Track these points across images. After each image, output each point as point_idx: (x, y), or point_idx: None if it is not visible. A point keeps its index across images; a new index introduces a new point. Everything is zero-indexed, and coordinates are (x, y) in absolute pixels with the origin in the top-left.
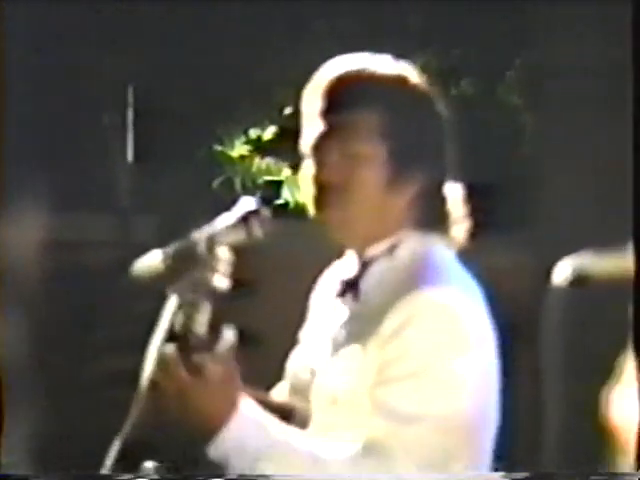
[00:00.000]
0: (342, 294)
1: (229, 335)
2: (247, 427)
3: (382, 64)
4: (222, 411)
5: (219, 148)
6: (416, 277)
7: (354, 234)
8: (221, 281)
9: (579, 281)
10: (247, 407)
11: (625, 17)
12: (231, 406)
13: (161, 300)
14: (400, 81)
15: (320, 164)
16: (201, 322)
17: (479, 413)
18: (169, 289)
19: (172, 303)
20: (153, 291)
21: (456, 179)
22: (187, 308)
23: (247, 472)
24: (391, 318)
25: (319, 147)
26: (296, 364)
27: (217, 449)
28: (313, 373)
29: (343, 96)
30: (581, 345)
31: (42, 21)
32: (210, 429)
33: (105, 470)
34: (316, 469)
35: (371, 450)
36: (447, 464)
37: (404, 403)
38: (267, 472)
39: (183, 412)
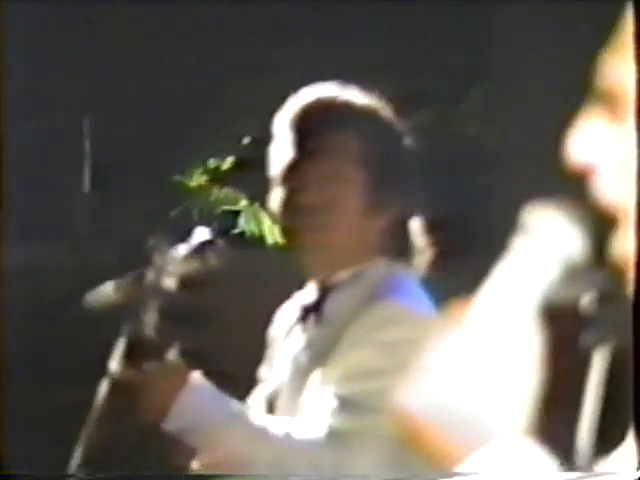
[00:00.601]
0: (303, 319)
1: (175, 350)
2: (199, 398)
3: (352, 94)
4: (173, 388)
5: (177, 178)
6: (377, 293)
7: (327, 258)
8: (169, 280)
9: None
10: (198, 381)
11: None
12: (181, 382)
13: (115, 330)
14: (371, 111)
15: (295, 188)
16: (149, 323)
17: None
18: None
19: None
20: (107, 321)
21: (419, 208)
22: (137, 314)
23: (202, 443)
24: (354, 327)
25: (293, 172)
26: (258, 396)
27: (172, 422)
28: (274, 402)
29: (318, 122)
30: None
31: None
32: (163, 407)
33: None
34: (273, 444)
35: (331, 437)
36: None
37: (368, 398)
38: (221, 443)
39: (138, 403)
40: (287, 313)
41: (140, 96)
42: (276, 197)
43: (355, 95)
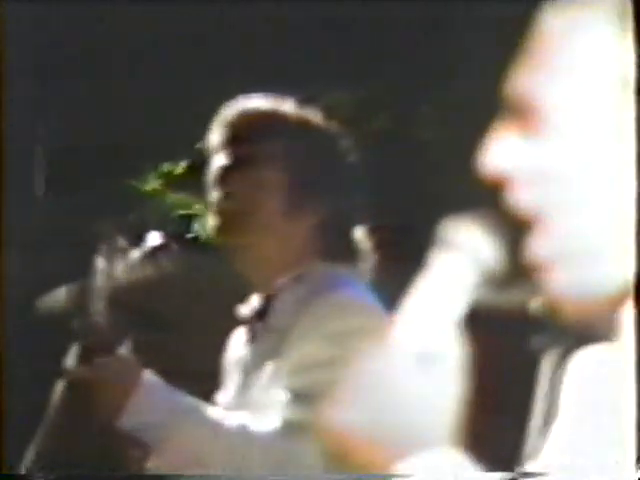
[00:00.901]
0: (250, 330)
1: (127, 342)
2: (153, 396)
3: (284, 104)
4: (126, 387)
5: (131, 183)
6: (321, 289)
7: (257, 263)
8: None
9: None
10: (151, 379)
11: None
12: (134, 381)
13: (67, 335)
14: (302, 120)
15: (223, 194)
16: (101, 324)
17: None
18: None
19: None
20: (59, 326)
21: (366, 213)
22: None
23: (157, 440)
24: (301, 322)
25: (223, 178)
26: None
27: (127, 420)
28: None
29: (247, 130)
30: None
31: None
32: (117, 405)
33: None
34: (227, 438)
35: (284, 429)
36: None
37: (320, 389)
38: (176, 439)
39: (92, 402)
40: (241, 317)
41: (94, 102)
42: (210, 203)
43: (288, 105)
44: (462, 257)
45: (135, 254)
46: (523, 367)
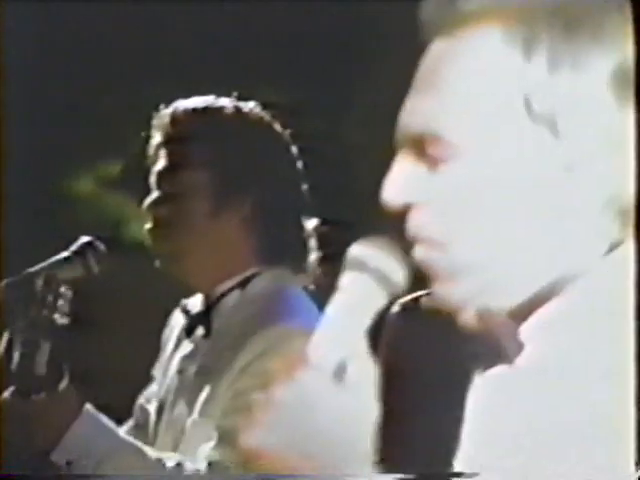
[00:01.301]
0: (190, 330)
1: (66, 377)
2: (90, 429)
3: (219, 101)
4: (64, 419)
5: (65, 184)
6: (269, 312)
7: (187, 268)
8: (61, 318)
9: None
10: (89, 412)
11: None
12: (73, 414)
13: None
14: (232, 119)
15: (155, 198)
16: (41, 363)
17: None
18: (7, 326)
19: (4, 341)
20: None
21: (308, 215)
22: (26, 348)
23: (90, 473)
24: (246, 352)
25: (157, 181)
26: (143, 401)
27: (59, 454)
28: (161, 409)
29: (178, 132)
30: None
31: None
32: (54, 436)
33: None
34: (160, 471)
35: (212, 471)
36: None
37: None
38: (110, 472)
39: (26, 434)
40: (177, 319)
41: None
42: (145, 206)
43: (223, 102)
44: (370, 277)
45: (63, 254)
46: (454, 376)
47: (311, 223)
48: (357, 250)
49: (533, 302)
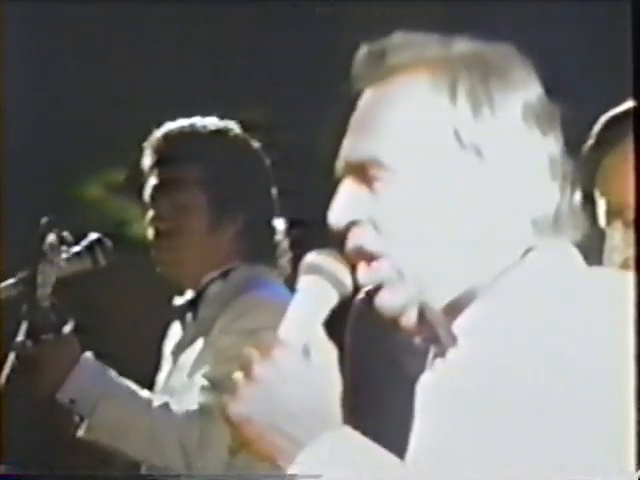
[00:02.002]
0: (182, 318)
1: (70, 323)
2: (90, 373)
3: (205, 122)
4: (66, 363)
5: (71, 187)
6: (241, 289)
7: (185, 274)
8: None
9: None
10: (89, 359)
11: None
12: (74, 358)
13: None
14: (222, 136)
15: (153, 214)
16: (44, 293)
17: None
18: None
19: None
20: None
21: (281, 216)
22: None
23: (90, 412)
24: (223, 316)
25: (153, 198)
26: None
27: (63, 394)
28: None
29: (170, 152)
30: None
31: None
32: (57, 379)
33: None
34: (150, 415)
35: (200, 412)
36: None
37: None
38: (106, 413)
39: (36, 376)
40: (175, 331)
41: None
42: (146, 220)
43: (209, 122)
44: (325, 279)
45: (73, 249)
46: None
47: (284, 224)
48: (312, 257)
49: (462, 301)
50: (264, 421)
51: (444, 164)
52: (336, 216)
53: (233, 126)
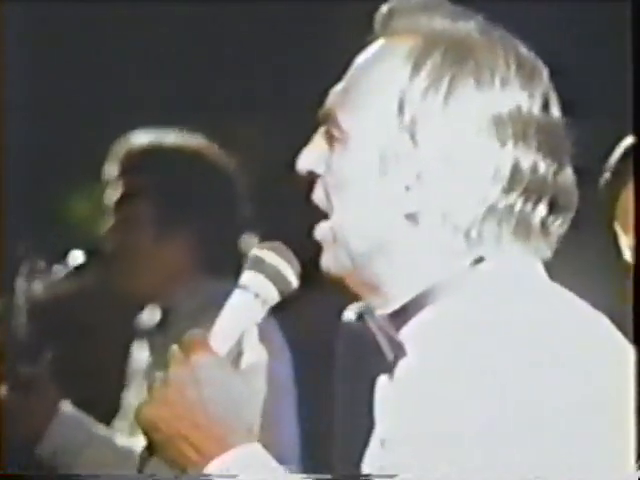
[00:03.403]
0: (151, 338)
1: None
2: (67, 426)
3: (170, 136)
4: (44, 415)
5: (59, 206)
6: (215, 301)
7: (137, 288)
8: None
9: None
10: (66, 411)
11: None
12: (52, 410)
13: None
14: (179, 152)
15: (110, 226)
16: (19, 322)
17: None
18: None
19: None
20: None
21: (251, 231)
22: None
23: (73, 466)
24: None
25: (112, 210)
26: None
27: (44, 448)
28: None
29: (127, 165)
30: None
31: None
32: (35, 432)
33: None
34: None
35: None
36: None
37: None
38: (90, 465)
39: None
40: (140, 349)
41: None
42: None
43: (172, 136)
44: (266, 277)
45: (58, 271)
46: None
47: (256, 238)
48: (255, 251)
49: (410, 308)
50: (172, 427)
51: (385, 140)
52: (299, 162)
53: (194, 140)
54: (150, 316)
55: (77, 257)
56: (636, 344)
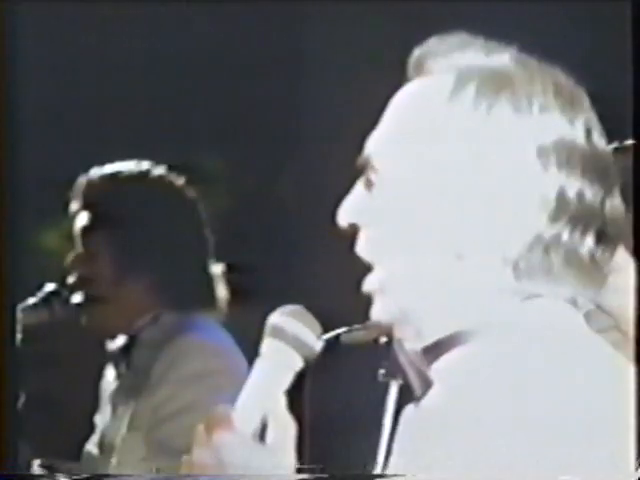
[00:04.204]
0: (117, 366)
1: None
2: None
3: (133, 167)
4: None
5: (29, 237)
6: (177, 328)
7: (104, 324)
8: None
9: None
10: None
11: None
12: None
13: None
14: (139, 182)
15: (73, 257)
16: None
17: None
18: None
19: None
20: None
21: (218, 259)
22: None
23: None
24: (158, 364)
25: (77, 241)
26: (90, 447)
27: None
28: (101, 444)
29: (91, 197)
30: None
31: None
32: None
33: None
34: None
35: None
36: None
37: (177, 440)
38: None
39: None
40: (111, 371)
41: None
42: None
43: (137, 168)
44: (287, 344)
45: (29, 300)
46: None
47: (221, 267)
48: (275, 318)
49: (444, 344)
50: None
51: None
52: (339, 216)
53: (157, 171)
54: (116, 341)
55: (48, 288)
56: (636, 344)
